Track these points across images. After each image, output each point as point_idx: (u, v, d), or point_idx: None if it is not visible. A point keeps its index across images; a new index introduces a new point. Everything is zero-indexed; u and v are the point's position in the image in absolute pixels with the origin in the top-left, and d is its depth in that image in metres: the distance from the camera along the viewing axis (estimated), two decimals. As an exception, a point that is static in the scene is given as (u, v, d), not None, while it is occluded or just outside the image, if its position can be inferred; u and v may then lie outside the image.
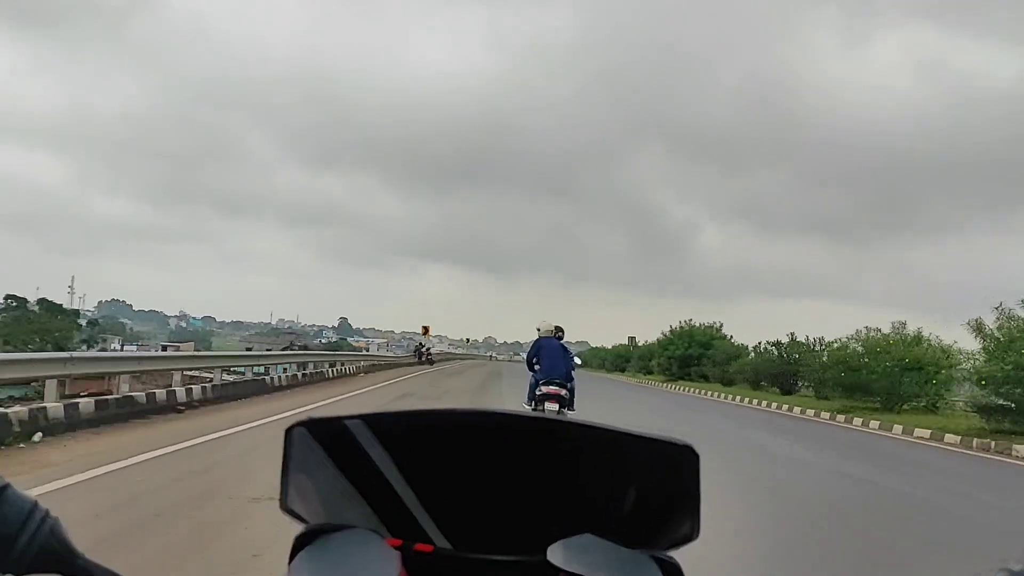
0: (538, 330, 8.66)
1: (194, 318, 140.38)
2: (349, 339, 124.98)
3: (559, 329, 8.69)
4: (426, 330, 47.00)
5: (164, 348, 43.89)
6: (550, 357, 8.15)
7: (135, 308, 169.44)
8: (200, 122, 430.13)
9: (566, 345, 8.65)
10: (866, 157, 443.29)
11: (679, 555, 0.56)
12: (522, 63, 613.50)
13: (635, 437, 0.55)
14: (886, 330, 21.57)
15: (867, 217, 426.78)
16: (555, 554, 0.53)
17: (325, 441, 0.56)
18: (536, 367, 8.25)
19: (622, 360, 64.60)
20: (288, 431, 0.56)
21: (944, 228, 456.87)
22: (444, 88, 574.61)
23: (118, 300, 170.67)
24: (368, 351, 59.08)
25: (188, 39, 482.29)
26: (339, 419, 0.55)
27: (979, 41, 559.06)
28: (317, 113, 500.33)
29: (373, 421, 0.56)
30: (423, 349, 40.80)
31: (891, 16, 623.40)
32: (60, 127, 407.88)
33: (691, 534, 0.55)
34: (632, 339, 71.21)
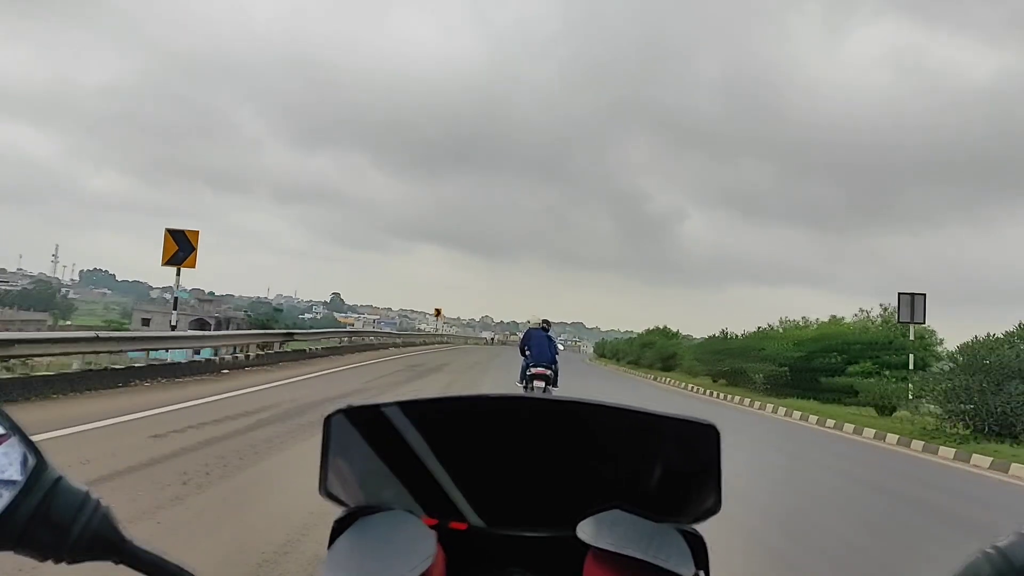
0: (528, 322, 11.74)
1: (182, 290, 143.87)
2: (337, 315, 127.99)
3: (546, 322, 11.54)
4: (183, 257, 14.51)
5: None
6: (538, 345, 11.03)
7: (118, 279, 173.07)
8: (186, 97, 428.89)
9: (551, 335, 11.41)
10: (846, 150, 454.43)
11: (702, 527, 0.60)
12: (506, 46, 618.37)
13: (659, 417, 0.61)
14: None
15: (847, 208, 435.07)
16: (585, 529, 0.58)
17: (362, 427, 0.63)
18: (527, 353, 11.10)
19: (722, 359, 28.45)
20: (327, 419, 0.63)
21: (921, 220, 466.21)
22: (431, 69, 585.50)
23: (100, 270, 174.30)
24: (352, 327, 54.75)
25: (170, 12, 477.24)
26: (376, 406, 0.63)
27: (956, 38, 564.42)
28: (305, 92, 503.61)
29: (408, 407, 0.63)
30: None
31: (870, 9, 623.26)
32: (43, 100, 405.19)
33: (714, 508, 0.61)
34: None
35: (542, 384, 10.74)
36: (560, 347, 12.56)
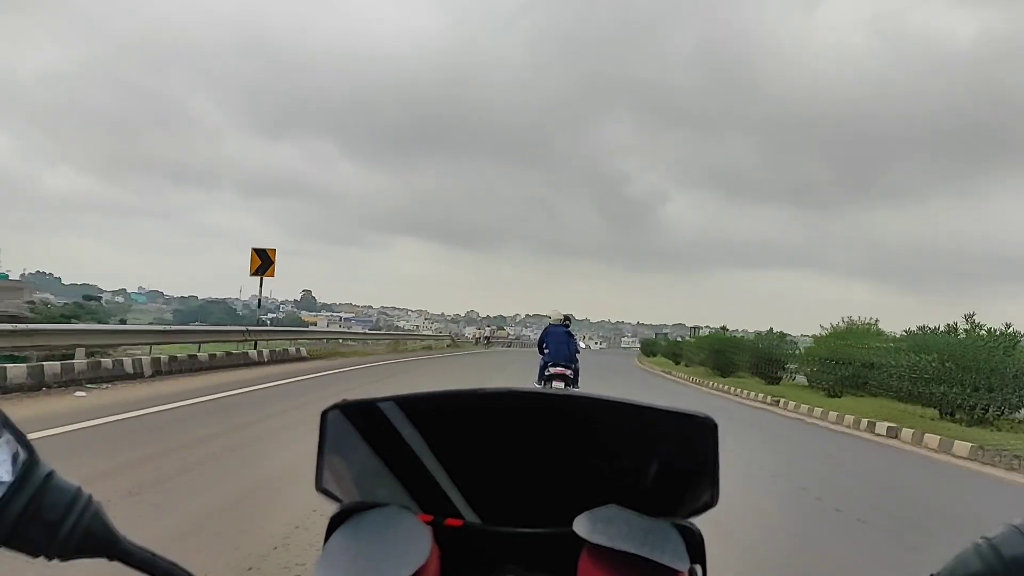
0: (550, 317, 11.40)
1: (135, 293, 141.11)
2: (306, 314, 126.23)
3: (567, 318, 11.38)
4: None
5: None
6: (556, 343, 10.79)
7: (64, 282, 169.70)
8: (137, 85, 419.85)
9: (571, 332, 11.18)
10: (827, 122, 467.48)
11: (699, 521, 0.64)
12: (468, 19, 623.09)
13: (657, 410, 0.64)
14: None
15: (832, 184, 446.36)
16: (581, 525, 0.61)
17: (358, 423, 0.66)
18: (545, 351, 10.86)
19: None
20: (324, 414, 0.65)
21: (906, 195, 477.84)
22: (392, 46, 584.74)
23: (45, 273, 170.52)
24: (317, 327, 50.23)
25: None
26: (372, 401, 0.65)
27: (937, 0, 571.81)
28: (263, 75, 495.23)
29: (405, 402, 0.65)
30: None
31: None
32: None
33: (711, 502, 0.65)
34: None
35: (561, 384, 10.43)
36: (582, 345, 12.07)
